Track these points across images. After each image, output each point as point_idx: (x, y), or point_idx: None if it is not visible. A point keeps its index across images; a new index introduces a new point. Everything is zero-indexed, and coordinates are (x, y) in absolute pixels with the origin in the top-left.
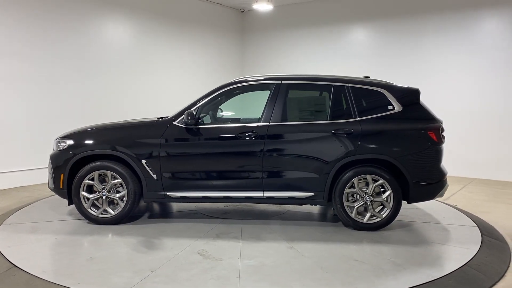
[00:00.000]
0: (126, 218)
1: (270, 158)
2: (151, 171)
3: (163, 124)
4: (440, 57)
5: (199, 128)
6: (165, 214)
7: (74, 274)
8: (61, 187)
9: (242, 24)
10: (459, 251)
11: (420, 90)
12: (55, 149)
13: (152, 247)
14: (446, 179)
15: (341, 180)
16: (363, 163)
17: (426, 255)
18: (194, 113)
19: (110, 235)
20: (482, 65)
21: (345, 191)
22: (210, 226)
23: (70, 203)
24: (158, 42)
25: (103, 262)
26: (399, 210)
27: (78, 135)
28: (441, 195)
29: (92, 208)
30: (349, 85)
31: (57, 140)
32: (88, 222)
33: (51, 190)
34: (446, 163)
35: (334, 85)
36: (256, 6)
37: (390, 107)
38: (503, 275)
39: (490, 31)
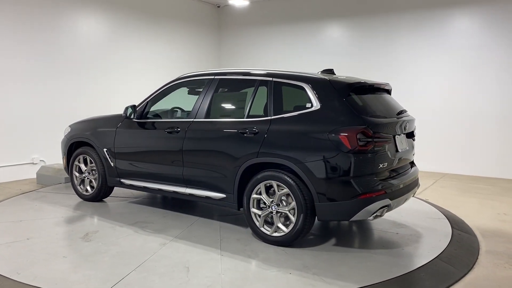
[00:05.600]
0: (100, 197)
1: (188, 154)
2: (110, 158)
3: (121, 117)
4: (412, 54)
5: (141, 122)
6: (143, 199)
7: None
8: (64, 166)
9: (219, 19)
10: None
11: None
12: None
13: (70, 221)
14: (375, 196)
15: (248, 184)
16: (274, 167)
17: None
18: (129, 106)
19: (57, 207)
20: (454, 63)
21: (252, 196)
22: (145, 215)
23: None
24: (133, 37)
25: (16, 225)
26: (308, 225)
27: (74, 125)
28: (365, 217)
29: (80, 186)
30: (273, 79)
31: (66, 127)
32: (77, 197)
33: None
34: (418, 159)
35: (260, 79)
36: (232, 2)
37: (308, 105)
38: (472, 267)
39: (462, 30)
